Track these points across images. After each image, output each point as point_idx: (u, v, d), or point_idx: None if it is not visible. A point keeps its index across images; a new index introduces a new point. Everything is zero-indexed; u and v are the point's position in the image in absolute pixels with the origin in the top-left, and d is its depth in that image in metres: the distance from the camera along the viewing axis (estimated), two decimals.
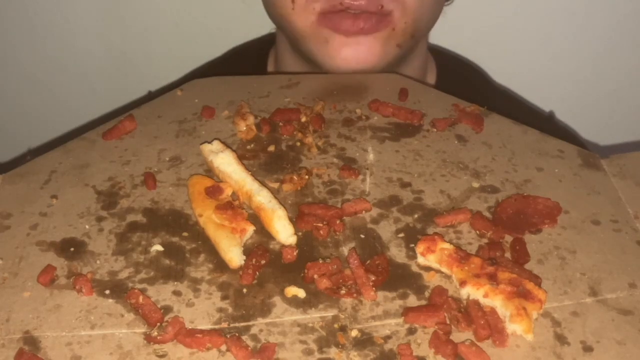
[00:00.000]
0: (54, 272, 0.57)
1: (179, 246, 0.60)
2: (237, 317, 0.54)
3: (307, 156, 0.69)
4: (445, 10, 0.96)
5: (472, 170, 0.68)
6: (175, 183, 0.66)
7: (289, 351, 0.52)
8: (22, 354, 0.51)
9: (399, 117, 0.74)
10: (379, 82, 0.80)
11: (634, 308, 0.55)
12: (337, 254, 0.59)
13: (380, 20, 0.84)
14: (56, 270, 0.57)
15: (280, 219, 0.60)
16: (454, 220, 0.62)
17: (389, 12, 0.84)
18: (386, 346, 0.52)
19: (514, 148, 0.71)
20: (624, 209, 0.64)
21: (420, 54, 0.98)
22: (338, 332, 0.53)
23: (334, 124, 0.74)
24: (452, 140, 0.72)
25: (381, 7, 0.83)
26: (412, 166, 0.69)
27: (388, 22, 0.85)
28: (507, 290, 0.54)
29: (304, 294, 0.56)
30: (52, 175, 0.67)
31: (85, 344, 0.52)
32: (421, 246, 0.58)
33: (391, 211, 0.64)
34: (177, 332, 0.51)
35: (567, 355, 0.52)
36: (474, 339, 0.52)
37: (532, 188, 0.66)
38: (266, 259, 0.58)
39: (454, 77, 1.04)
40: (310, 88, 0.78)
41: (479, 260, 0.57)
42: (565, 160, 0.70)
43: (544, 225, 0.62)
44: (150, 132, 0.72)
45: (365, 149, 0.70)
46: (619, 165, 0.69)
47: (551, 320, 0.54)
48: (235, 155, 0.65)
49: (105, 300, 0.55)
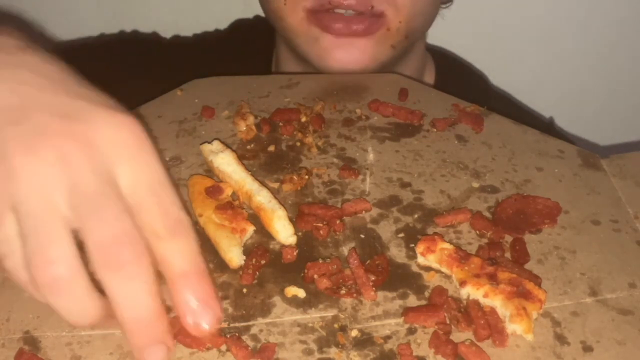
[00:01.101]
0: None
1: None
2: (237, 317, 0.54)
3: (307, 156, 0.69)
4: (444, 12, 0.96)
5: (472, 170, 0.68)
6: (175, 183, 0.66)
7: (289, 351, 0.52)
8: (22, 354, 0.51)
9: (399, 117, 0.74)
10: (379, 82, 0.80)
11: (634, 308, 0.55)
12: (337, 254, 0.59)
13: (373, 22, 0.83)
14: None
15: (280, 219, 0.60)
16: (454, 220, 0.62)
17: (381, 13, 0.83)
18: (386, 346, 0.52)
19: (514, 148, 0.71)
20: (624, 209, 0.64)
21: (418, 54, 0.98)
22: (338, 332, 0.53)
23: (334, 124, 0.74)
24: (452, 140, 0.72)
25: (371, 7, 0.82)
26: (412, 166, 0.69)
27: (382, 23, 0.84)
28: (507, 290, 0.54)
29: (304, 294, 0.56)
30: None
31: (85, 344, 0.52)
32: (421, 246, 0.58)
33: (391, 211, 0.64)
34: (177, 332, 0.51)
35: (567, 355, 0.52)
36: (474, 339, 0.52)
37: (532, 188, 0.66)
38: (266, 259, 0.58)
39: (452, 79, 1.03)
40: (310, 88, 0.78)
41: (479, 260, 0.57)
42: (565, 160, 0.70)
43: (543, 225, 0.62)
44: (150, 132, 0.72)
45: (365, 149, 0.70)
46: (619, 165, 0.69)
47: (551, 320, 0.54)
48: (235, 155, 0.65)
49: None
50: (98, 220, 0.45)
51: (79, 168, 0.46)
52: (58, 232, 0.45)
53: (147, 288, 0.46)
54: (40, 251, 0.45)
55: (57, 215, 0.45)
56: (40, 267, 0.45)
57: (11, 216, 0.46)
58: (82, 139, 0.47)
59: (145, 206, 0.47)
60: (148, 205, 0.47)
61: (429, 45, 1.04)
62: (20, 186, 0.45)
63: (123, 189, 0.47)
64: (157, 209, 0.47)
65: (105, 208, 0.46)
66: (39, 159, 0.46)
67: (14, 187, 0.45)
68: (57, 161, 0.46)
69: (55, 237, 0.45)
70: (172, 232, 0.48)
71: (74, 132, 0.47)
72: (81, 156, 0.46)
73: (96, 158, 0.47)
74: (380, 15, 0.83)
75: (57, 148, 0.46)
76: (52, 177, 0.46)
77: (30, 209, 0.45)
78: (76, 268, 0.45)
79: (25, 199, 0.45)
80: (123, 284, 0.45)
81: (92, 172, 0.46)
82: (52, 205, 0.45)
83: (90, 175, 0.46)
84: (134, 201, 0.47)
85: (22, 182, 0.45)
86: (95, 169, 0.46)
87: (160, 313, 0.47)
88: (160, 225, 0.47)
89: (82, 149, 0.46)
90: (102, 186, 0.46)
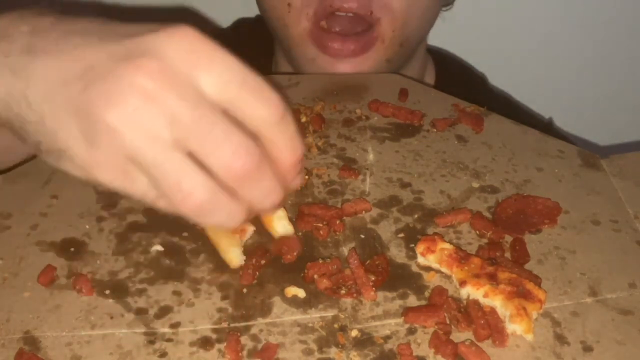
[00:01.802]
0: (54, 272, 0.57)
1: (179, 246, 0.60)
2: (237, 317, 0.54)
3: (307, 156, 0.69)
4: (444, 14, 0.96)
5: (472, 170, 0.68)
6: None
7: (289, 351, 0.52)
8: (22, 354, 0.51)
9: (399, 117, 0.74)
10: (379, 82, 0.80)
11: (634, 308, 0.55)
12: (337, 254, 0.59)
13: (368, 40, 0.84)
14: (56, 270, 0.57)
15: (280, 219, 0.60)
16: (454, 220, 0.62)
17: (377, 20, 0.84)
18: (386, 346, 0.52)
19: (514, 148, 0.71)
20: (624, 209, 0.64)
21: (419, 60, 0.98)
22: (338, 332, 0.53)
23: (334, 124, 0.74)
24: (452, 141, 0.72)
25: (370, 12, 0.83)
26: (412, 166, 0.69)
27: (376, 38, 0.85)
28: (507, 290, 0.54)
29: (304, 294, 0.56)
30: (52, 175, 0.67)
31: (85, 344, 0.52)
32: (421, 246, 0.58)
33: (391, 211, 0.64)
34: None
35: (567, 355, 0.52)
36: (474, 339, 0.52)
37: (532, 188, 0.66)
38: (266, 259, 0.58)
39: (452, 79, 1.03)
40: (310, 88, 0.78)
41: (479, 260, 0.57)
42: (565, 160, 0.70)
43: (543, 225, 0.62)
44: None
45: (365, 149, 0.70)
46: (619, 166, 0.69)
47: (551, 320, 0.54)
48: None
49: (105, 300, 0.55)
50: (210, 143, 0.47)
51: (166, 100, 0.47)
52: (179, 164, 0.47)
53: (273, 183, 0.50)
54: (175, 189, 0.47)
55: (170, 151, 0.47)
56: (183, 202, 0.47)
57: (134, 168, 0.48)
58: (154, 71, 0.47)
59: (241, 101, 0.49)
60: (243, 99, 0.49)
61: (429, 47, 1.04)
62: (124, 140, 0.47)
63: (214, 96, 0.48)
64: (253, 98, 0.49)
65: (210, 128, 0.47)
66: (125, 108, 0.47)
67: (120, 144, 0.47)
68: (143, 103, 0.47)
69: (180, 170, 0.47)
70: (274, 114, 0.50)
71: (143, 68, 0.47)
72: (162, 87, 0.47)
73: (176, 82, 0.47)
74: (375, 25, 0.84)
75: (136, 90, 0.47)
76: (147, 119, 0.47)
77: (145, 156, 0.47)
78: (212, 187, 0.48)
79: (136, 149, 0.47)
80: (254, 187, 0.49)
81: (180, 97, 0.47)
82: (162, 144, 0.47)
83: (180, 101, 0.47)
84: (229, 101, 0.48)
85: (124, 135, 0.47)
86: (181, 93, 0.47)
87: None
88: (262, 112, 0.49)
89: (158, 80, 0.47)
90: (195, 107, 0.47)
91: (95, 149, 0.48)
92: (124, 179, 0.49)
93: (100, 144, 0.48)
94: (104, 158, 0.49)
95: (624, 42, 1.24)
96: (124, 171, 0.49)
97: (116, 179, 0.50)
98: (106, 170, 0.49)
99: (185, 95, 0.47)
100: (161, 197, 0.49)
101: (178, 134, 0.47)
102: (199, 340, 0.52)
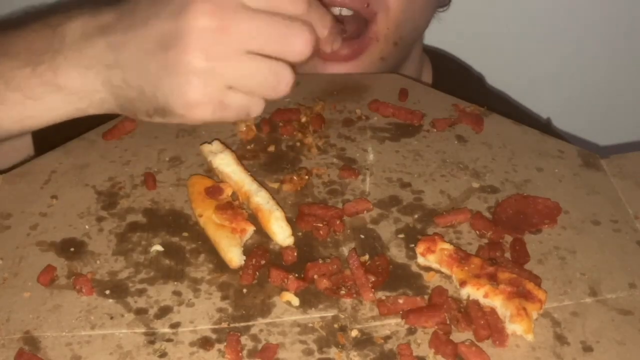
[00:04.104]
0: (54, 272, 0.57)
1: (179, 246, 0.60)
2: (237, 317, 0.54)
3: (307, 156, 0.69)
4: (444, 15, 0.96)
5: (472, 170, 0.68)
6: (175, 183, 0.66)
7: (289, 351, 0.52)
8: (22, 354, 0.51)
9: (399, 117, 0.74)
10: (379, 82, 0.80)
11: (634, 308, 0.55)
12: (337, 254, 0.59)
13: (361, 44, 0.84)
14: (56, 270, 0.57)
15: (278, 220, 0.60)
16: (454, 220, 0.62)
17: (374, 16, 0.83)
18: (386, 346, 0.52)
19: (514, 148, 0.71)
20: (624, 209, 0.64)
21: (415, 60, 0.98)
22: (338, 332, 0.53)
23: (334, 124, 0.74)
24: (452, 141, 0.72)
25: (367, 5, 0.83)
26: (412, 166, 0.69)
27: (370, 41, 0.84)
28: (507, 290, 0.54)
29: (298, 302, 0.55)
30: (52, 175, 0.67)
31: (85, 344, 0.52)
32: (421, 246, 0.58)
33: (391, 211, 0.64)
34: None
35: (567, 355, 0.52)
36: (474, 339, 0.52)
37: (532, 188, 0.66)
38: (266, 259, 0.58)
39: (449, 79, 1.03)
40: (310, 88, 0.78)
41: (479, 260, 0.57)
42: (565, 160, 0.70)
43: (543, 226, 0.62)
44: (150, 132, 0.72)
45: (365, 149, 0.70)
46: (619, 165, 0.69)
47: (551, 320, 0.54)
48: (234, 156, 0.65)
49: (105, 300, 0.55)
50: (283, 40, 0.62)
51: (231, 24, 0.60)
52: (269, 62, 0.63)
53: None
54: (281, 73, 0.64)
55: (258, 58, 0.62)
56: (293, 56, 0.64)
57: (228, 93, 0.63)
58: (208, 9, 0.60)
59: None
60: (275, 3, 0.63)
61: (426, 46, 1.04)
62: (215, 74, 0.61)
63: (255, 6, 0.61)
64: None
65: (276, 29, 0.62)
66: (206, 49, 0.60)
67: (214, 78, 0.61)
68: (216, 37, 0.60)
69: (275, 63, 0.63)
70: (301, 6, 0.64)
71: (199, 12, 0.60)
72: (222, 17, 0.60)
73: (229, 6, 0.60)
74: (371, 20, 0.83)
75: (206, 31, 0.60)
76: (225, 46, 0.60)
77: (241, 75, 0.62)
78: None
79: (230, 74, 0.62)
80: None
81: (239, 17, 0.61)
82: (248, 58, 0.62)
83: (242, 21, 0.61)
84: (267, 8, 0.62)
85: (214, 70, 0.61)
86: (238, 13, 0.60)
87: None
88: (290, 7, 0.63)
89: (216, 13, 0.60)
90: (252, 18, 0.61)
91: (192, 93, 0.60)
92: (221, 109, 0.62)
93: (197, 87, 0.60)
94: (202, 97, 0.60)
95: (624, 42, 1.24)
96: (219, 102, 0.61)
97: (214, 111, 0.62)
98: (205, 108, 0.61)
99: (242, 14, 0.59)
100: (259, 100, 0.64)
101: (255, 44, 0.60)
102: (199, 340, 0.52)
